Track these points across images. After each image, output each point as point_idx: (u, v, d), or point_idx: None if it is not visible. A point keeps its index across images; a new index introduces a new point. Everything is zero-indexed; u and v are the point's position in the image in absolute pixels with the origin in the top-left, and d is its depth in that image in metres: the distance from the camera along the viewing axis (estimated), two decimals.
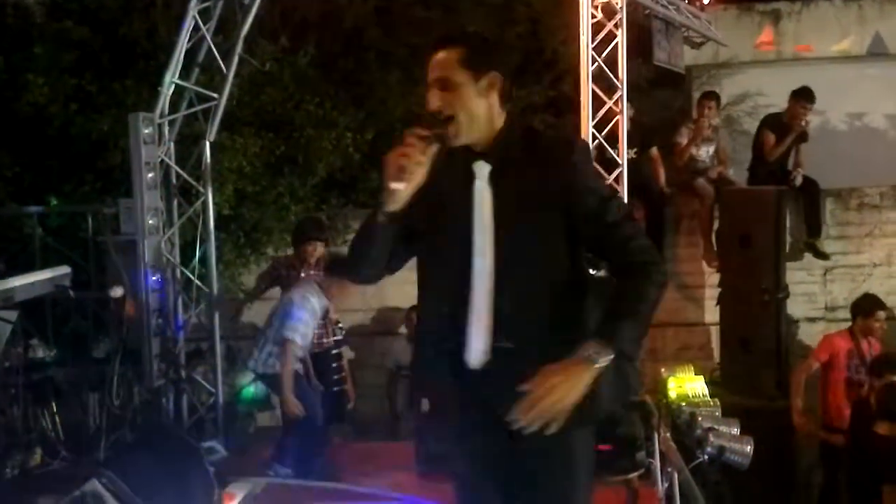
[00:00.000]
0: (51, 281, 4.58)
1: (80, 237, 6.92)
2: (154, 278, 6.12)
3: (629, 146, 6.41)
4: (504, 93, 2.49)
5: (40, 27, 7.95)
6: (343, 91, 8.94)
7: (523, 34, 9.59)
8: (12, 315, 4.24)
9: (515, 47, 8.28)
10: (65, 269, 4.69)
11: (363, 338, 7.35)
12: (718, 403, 4.62)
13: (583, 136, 5.96)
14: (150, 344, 6.10)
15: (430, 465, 5.24)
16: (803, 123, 7.38)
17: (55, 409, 5.91)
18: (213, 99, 6.35)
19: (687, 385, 5.04)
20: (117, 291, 6.05)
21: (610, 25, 6.08)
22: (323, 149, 7.95)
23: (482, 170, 2.48)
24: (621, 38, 6.06)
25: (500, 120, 2.50)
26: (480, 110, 2.46)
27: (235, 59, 6.31)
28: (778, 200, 6.79)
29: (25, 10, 8.34)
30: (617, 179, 6.15)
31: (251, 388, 6.88)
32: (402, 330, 7.51)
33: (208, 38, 6.23)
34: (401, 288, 7.74)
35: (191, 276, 6.44)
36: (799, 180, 7.50)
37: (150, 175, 6.11)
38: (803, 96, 7.44)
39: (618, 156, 6.15)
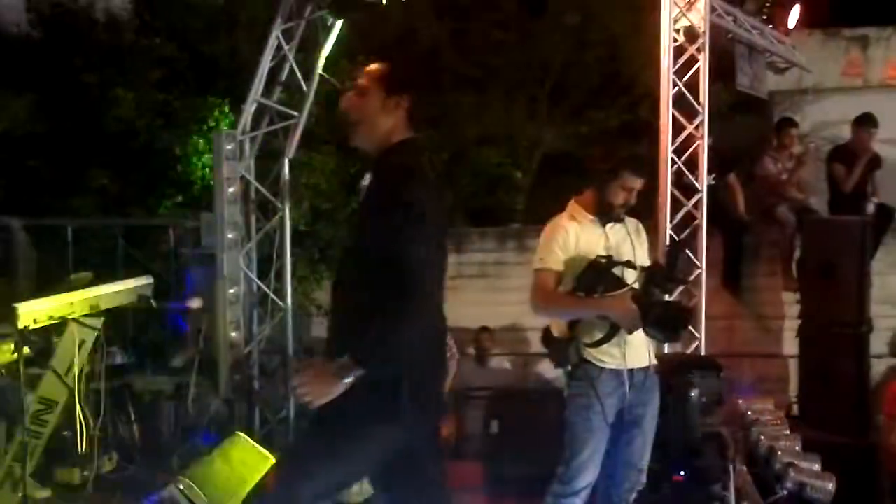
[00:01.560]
0: (134, 291, 4.70)
1: (162, 249, 7.11)
2: (231, 291, 6.24)
3: (708, 172, 6.29)
4: (411, 115, 2.75)
5: (130, 45, 8.24)
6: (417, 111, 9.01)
7: (600, 57, 9.56)
8: (97, 322, 4.35)
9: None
10: (147, 280, 4.80)
11: None
12: (798, 438, 4.48)
13: (662, 160, 5.86)
14: (225, 355, 6.20)
15: (498, 486, 5.20)
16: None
17: (132, 416, 6.06)
18: (293, 117, 6.47)
19: (766, 418, 4.90)
20: (196, 303, 6.19)
21: (692, 49, 5.99)
22: None
23: (366, 179, 2.86)
24: (703, 62, 5.96)
25: (397, 139, 2.74)
26: (382, 125, 2.70)
27: (316, 79, 6.42)
28: (862, 230, 6.56)
29: (116, 28, 8.66)
30: (696, 206, 6.03)
31: None
32: (471, 351, 7.48)
33: (290, 57, 6.35)
34: (469, 309, 7.76)
35: (266, 290, 6.54)
36: (871, 208, 7.28)
37: (231, 190, 6.24)
38: (866, 122, 7.27)
39: (697, 182, 6.03)
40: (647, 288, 3.57)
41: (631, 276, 3.65)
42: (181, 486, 3.87)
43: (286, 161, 6.50)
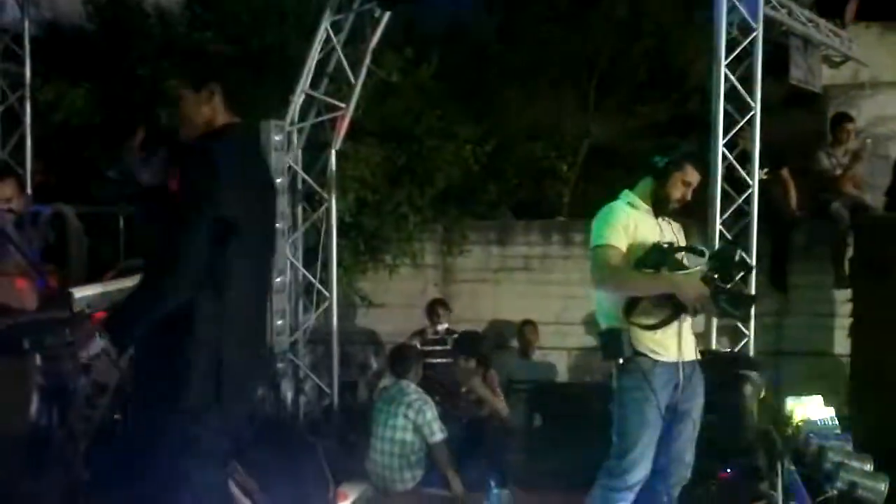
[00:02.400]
0: None
1: None
2: (278, 280, 6.31)
3: (759, 167, 6.19)
4: (227, 100, 2.83)
5: (181, 37, 8.34)
6: (464, 103, 9.02)
7: (649, 50, 9.46)
8: None
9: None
10: None
11: None
12: (850, 438, 4.39)
13: (713, 155, 5.78)
14: (272, 343, 6.28)
15: (541, 480, 5.19)
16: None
17: None
18: (341, 109, 6.51)
19: (815, 417, 4.82)
20: None
21: (745, 43, 5.89)
22: (443, 160, 8.04)
23: None
24: (757, 56, 5.86)
25: (218, 125, 2.84)
26: (199, 118, 2.82)
27: (364, 71, 6.46)
28: None
29: (168, 21, 8.79)
30: (747, 201, 5.93)
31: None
32: (514, 344, 7.47)
33: (339, 49, 6.39)
34: (515, 302, 7.76)
35: (312, 279, 6.60)
36: None
37: (278, 180, 6.30)
38: None
39: (749, 177, 5.94)
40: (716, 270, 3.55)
41: (693, 263, 3.61)
42: (228, 469, 3.91)
43: (333, 152, 6.55)
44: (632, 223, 3.62)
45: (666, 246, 3.58)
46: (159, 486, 2.76)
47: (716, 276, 3.52)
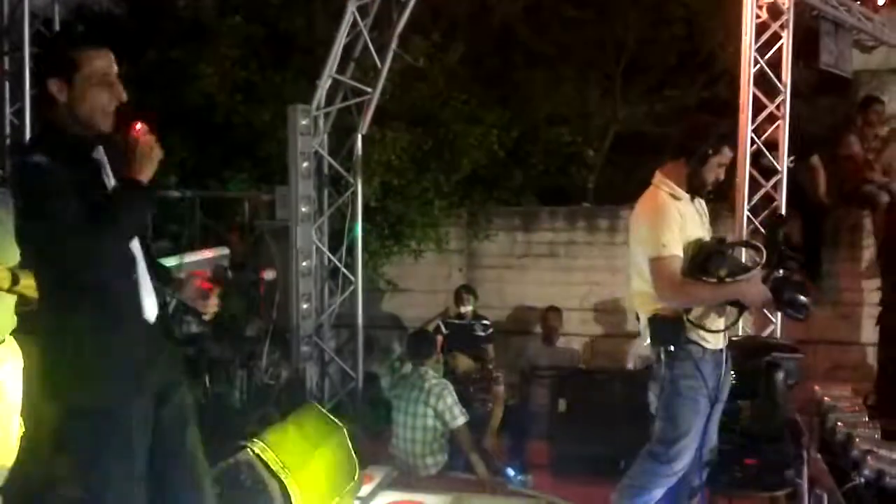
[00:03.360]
0: (212, 260, 4.83)
1: (238, 221, 7.26)
2: (304, 264, 6.35)
3: (788, 153, 6.13)
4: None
5: (211, 21, 8.38)
6: (490, 88, 9.00)
7: (677, 34, 9.36)
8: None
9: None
10: (224, 251, 4.93)
11: (498, 335, 7.35)
12: (878, 426, 4.36)
13: (741, 140, 5.72)
14: (297, 326, 6.32)
15: (564, 465, 5.20)
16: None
17: (207, 383, 6.23)
18: (367, 93, 6.50)
19: (842, 405, 4.79)
20: (270, 274, 6.32)
21: (775, 26, 5.82)
22: (468, 145, 8.03)
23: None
24: (787, 39, 5.79)
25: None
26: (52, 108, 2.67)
27: (390, 55, 6.44)
28: None
29: (197, 5, 8.83)
30: (775, 187, 5.88)
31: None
32: (538, 330, 7.47)
33: (365, 33, 6.38)
34: (540, 288, 7.76)
35: (338, 263, 6.63)
36: None
37: (304, 164, 6.34)
38: None
39: (777, 163, 5.88)
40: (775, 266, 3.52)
41: (753, 253, 3.58)
42: (256, 450, 3.96)
43: (359, 137, 6.55)
44: (680, 218, 3.54)
45: (723, 246, 3.54)
46: None
47: (780, 272, 3.48)
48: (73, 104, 2.53)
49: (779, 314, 5.83)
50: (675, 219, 3.51)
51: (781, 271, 3.54)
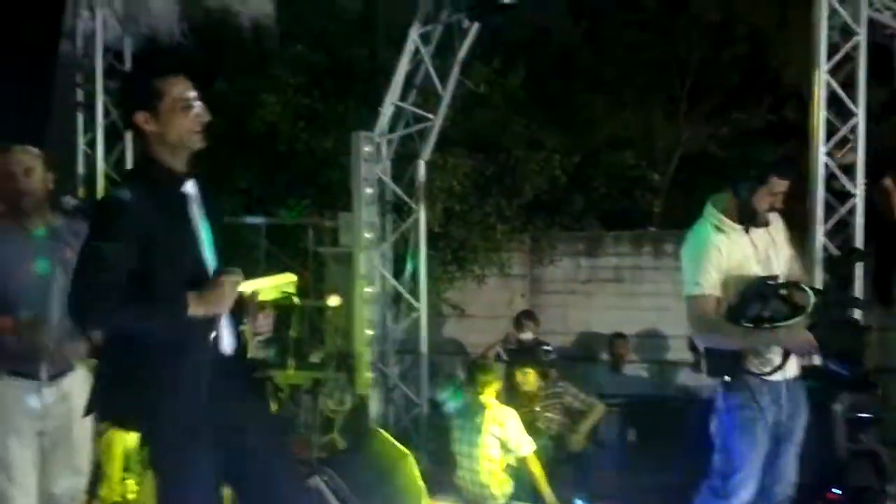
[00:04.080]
0: (277, 287, 4.84)
1: (301, 248, 7.33)
2: (368, 290, 6.33)
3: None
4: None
5: (274, 51, 8.55)
6: (551, 112, 8.97)
7: (741, 55, 9.24)
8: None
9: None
10: (290, 277, 4.94)
11: (564, 362, 7.26)
12: None
13: (813, 165, 5.57)
14: (361, 352, 6.33)
15: (634, 496, 5.09)
16: None
17: (274, 409, 6.27)
18: (429, 119, 6.53)
19: None
20: (334, 300, 6.36)
21: (847, 47, 5.66)
22: (530, 170, 8.00)
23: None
24: (861, 61, 5.63)
25: None
26: None
27: (452, 82, 6.46)
28: None
29: (260, 35, 9.02)
30: (851, 212, 5.70)
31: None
32: (604, 356, 7.36)
33: (427, 61, 6.42)
34: (605, 313, 7.65)
35: (401, 289, 6.64)
36: None
37: (368, 191, 6.37)
38: None
39: (853, 186, 5.71)
40: (823, 312, 3.33)
41: (799, 297, 3.39)
42: (325, 477, 3.96)
43: (421, 163, 6.57)
44: (724, 255, 3.44)
45: (770, 283, 3.41)
46: None
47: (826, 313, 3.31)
48: (161, 133, 2.58)
49: None
50: (712, 256, 3.42)
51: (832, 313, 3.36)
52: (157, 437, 2.57)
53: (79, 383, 3.20)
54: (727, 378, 3.42)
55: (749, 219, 3.50)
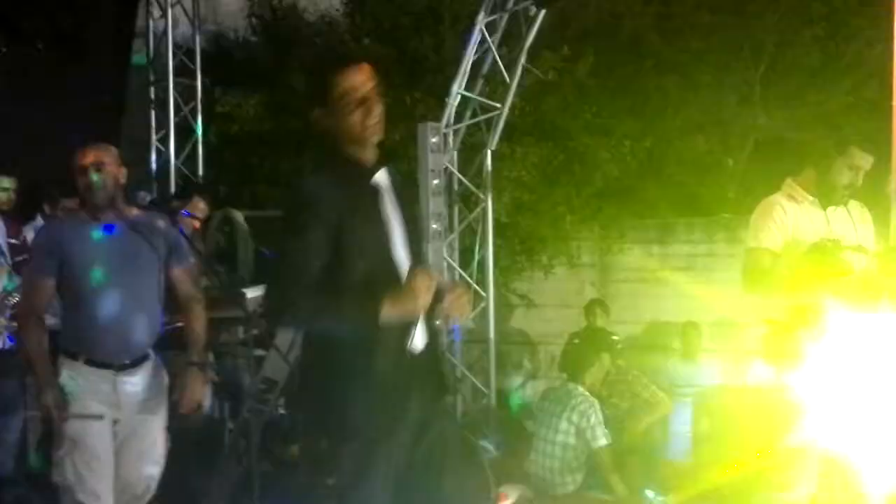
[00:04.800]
0: None
1: None
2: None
3: None
4: None
5: (342, 45, 8.61)
6: (621, 99, 8.81)
7: (821, 35, 8.91)
8: None
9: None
10: None
11: (635, 351, 7.15)
12: None
13: (894, 144, 5.34)
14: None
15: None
16: None
17: None
18: (496, 109, 6.50)
19: None
20: None
21: None
22: (600, 158, 7.89)
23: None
24: None
25: None
26: None
27: (519, 70, 6.42)
28: None
29: (329, 30, 9.10)
30: None
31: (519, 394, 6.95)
32: (676, 345, 7.21)
33: (493, 50, 6.39)
34: (677, 301, 7.49)
35: (469, 280, 6.63)
36: None
37: (435, 182, 6.37)
38: None
39: None
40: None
41: (860, 263, 3.32)
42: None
43: (488, 153, 6.55)
44: (789, 218, 3.36)
45: (829, 244, 3.30)
46: None
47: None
48: (337, 128, 2.46)
49: None
50: (776, 216, 3.37)
51: None
52: (347, 441, 2.49)
53: (151, 372, 3.28)
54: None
55: (826, 193, 3.38)
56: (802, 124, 9.16)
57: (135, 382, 3.23)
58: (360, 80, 2.45)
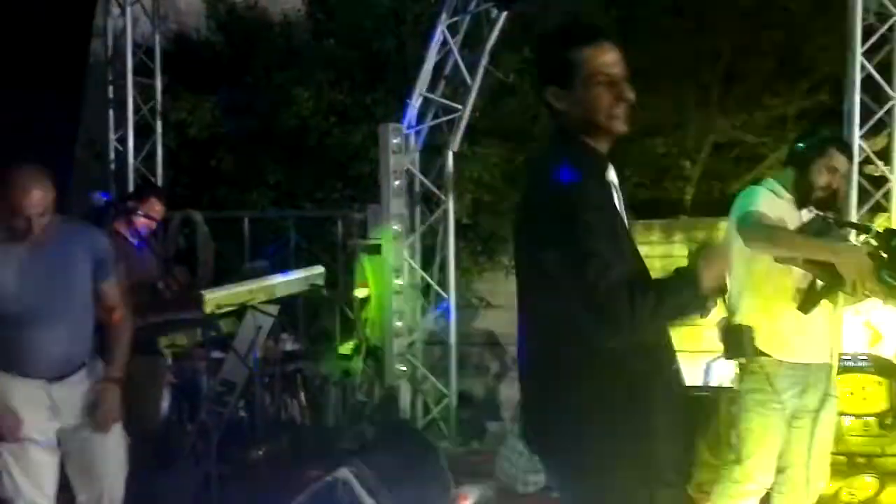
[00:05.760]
0: (307, 280, 4.88)
1: (331, 240, 7.37)
2: (397, 282, 6.34)
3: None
4: None
5: (304, 46, 8.58)
6: None
7: (777, 41, 9.07)
8: (274, 310, 4.55)
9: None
10: (319, 269, 4.98)
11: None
12: None
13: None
14: (390, 344, 6.34)
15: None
16: None
17: (303, 401, 6.32)
18: (457, 110, 6.51)
19: None
20: (363, 292, 6.39)
21: (883, 29, 5.56)
22: None
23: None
24: None
25: None
26: None
27: (480, 72, 6.44)
28: None
29: (290, 31, 9.05)
30: (886, 196, 5.60)
31: None
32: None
33: (455, 51, 6.40)
34: None
35: (430, 281, 6.64)
36: None
37: (396, 183, 6.37)
38: None
39: (888, 171, 5.61)
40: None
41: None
42: (353, 468, 3.97)
43: (450, 154, 6.56)
44: (775, 208, 3.38)
45: (830, 219, 3.36)
46: None
47: (882, 254, 3.09)
48: (574, 112, 2.15)
49: (889, 328, 5.51)
50: (766, 201, 3.36)
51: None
52: (614, 481, 2.09)
53: (90, 377, 3.22)
54: (742, 360, 3.38)
55: (805, 193, 3.43)
56: (759, 128, 9.33)
57: (71, 390, 3.16)
58: (613, 58, 2.12)
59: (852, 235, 3.97)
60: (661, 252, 7.75)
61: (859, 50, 5.48)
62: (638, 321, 2.01)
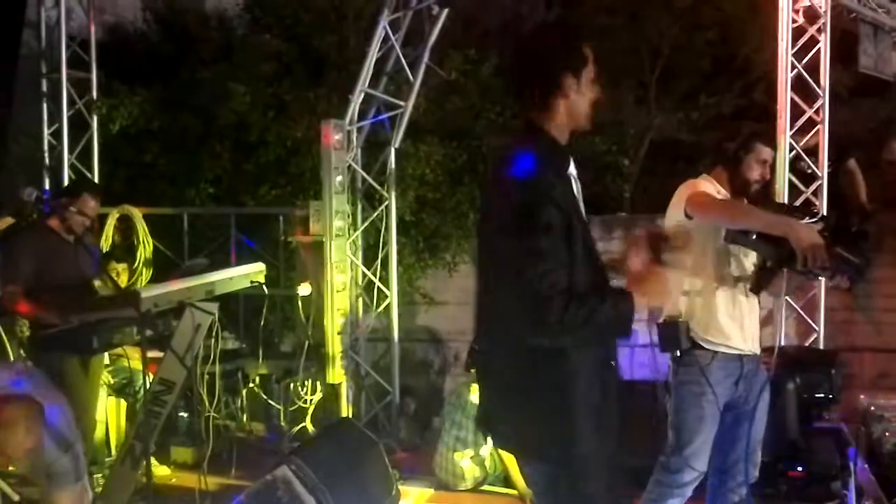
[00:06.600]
0: (247, 277, 4.83)
1: (272, 237, 7.30)
2: (339, 278, 6.32)
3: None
4: None
5: (241, 40, 8.47)
6: None
7: (713, 40, 9.27)
8: (213, 307, 4.49)
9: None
10: (259, 266, 4.93)
11: None
12: None
13: (779, 146, 5.63)
14: (333, 341, 6.32)
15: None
16: None
17: (244, 398, 6.26)
18: (400, 107, 6.52)
19: (889, 414, 4.66)
20: (305, 289, 6.35)
21: (812, 30, 5.73)
22: None
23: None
24: (824, 43, 5.70)
25: None
26: None
27: (422, 69, 6.45)
28: None
29: (227, 25, 8.93)
30: (816, 193, 5.78)
31: None
32: None
33: (397, 48, 6.40)
34: None
35: (373, 277, 6.63)
36: None
37: (338, 179, 6.35)
38: None
39: (818, 168, 5.78)
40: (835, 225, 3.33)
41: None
42: (293, 466, 3.95)
43: (392, 151, 6.56)
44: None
45: (781, 206, 3.47)
46: None
47: (825, 234, 3.22)
48: (577, 100, 2.31)
49: (822, 323, 5.70)
50: (711, 190, 3.48)
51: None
52: (569, 469, 2.24)
53: None
54: (677, 353, 3.47)
55: (741, 188, 3.53)
56: (696, 126, 9.52)
57: None
58: (594, 59, 2.30)
59: None
60: (601, 248, 7.85)
61: (789, 50, 5.64)
62: (566, 328, 2.11)
